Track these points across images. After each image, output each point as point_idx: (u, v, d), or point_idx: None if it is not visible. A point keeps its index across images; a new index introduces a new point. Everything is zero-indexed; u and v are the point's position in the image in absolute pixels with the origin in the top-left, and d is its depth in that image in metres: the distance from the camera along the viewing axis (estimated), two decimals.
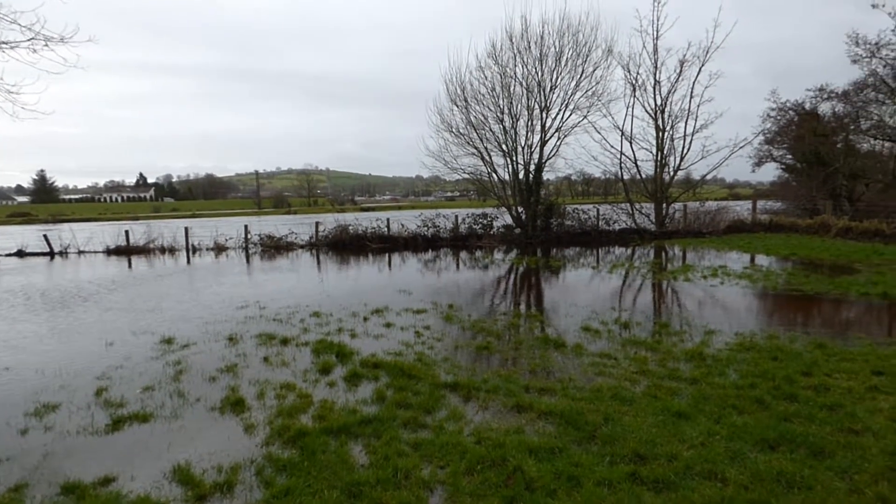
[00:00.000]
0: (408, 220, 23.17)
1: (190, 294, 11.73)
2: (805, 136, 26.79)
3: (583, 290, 11.40)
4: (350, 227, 22.03)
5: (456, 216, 23.00)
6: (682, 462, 3.78)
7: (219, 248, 21.83)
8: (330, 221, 23.24)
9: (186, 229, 22.65)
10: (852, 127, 26.70)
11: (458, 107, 22.36)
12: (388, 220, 22.76)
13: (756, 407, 4.72)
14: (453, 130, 22.56)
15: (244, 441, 4.42)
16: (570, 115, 21.68)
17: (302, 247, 21.85)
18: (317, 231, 22.30)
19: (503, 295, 11.62)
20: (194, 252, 21.38)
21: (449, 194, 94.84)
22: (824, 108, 27.31)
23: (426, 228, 22.36)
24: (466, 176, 23.75)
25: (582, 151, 23.81)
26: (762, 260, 15.24)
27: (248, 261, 18.45)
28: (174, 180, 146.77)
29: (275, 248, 21.70)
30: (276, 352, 6.95)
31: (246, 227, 22.69)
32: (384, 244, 21.37)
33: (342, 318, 8.85)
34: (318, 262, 17.64)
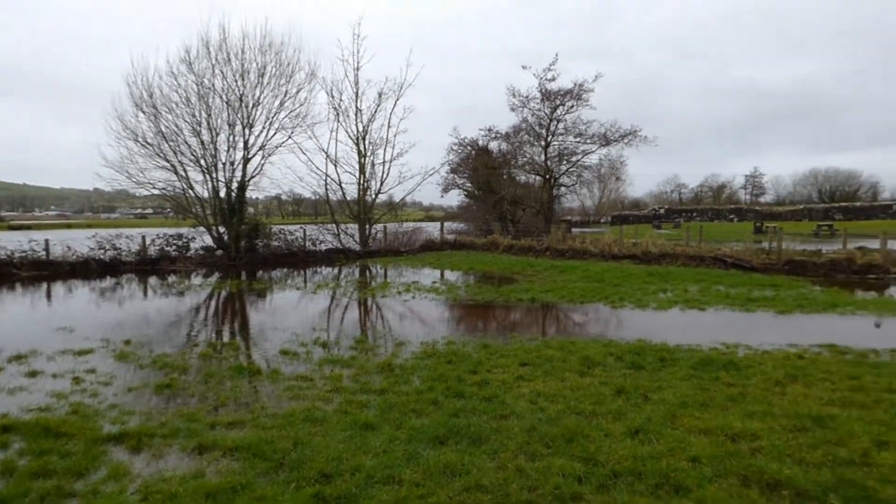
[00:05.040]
0: (79, 242, 19.36)
1: None
2: (479, 168, 31.75)
3: (288, 313, 11.17)
4: None
5: (143, 237, 20.22)
6: (364, 473, 3.90)
7: None
8: None
9: None
10: (513, 162, 32.82)
11: (145, 113, 19.93)
12: (46, 241, 18.61)
13: (432, 408, 5.22)
14: (139, 140, 19.96)
15: None
16: (275, 134, 21.44)
17: None
18: None
19: (200, 323, 10.58)
20: None
21: (139, 211, 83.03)
22: (493, 145, 32.90)
23: (103, 251, 19.04)
24: (157, 192, 21.21)
25: (288, 171, 23.70)
26: (449, 275, 17.36)
27: None
28: None
29: None
30: None
31: None
32: (41, 271, 17.37)
33: None
34: None
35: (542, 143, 29.87)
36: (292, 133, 21.87)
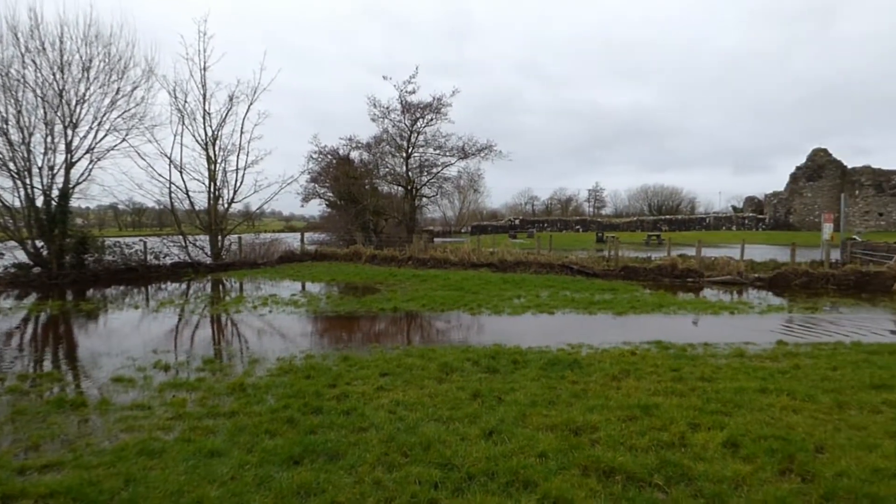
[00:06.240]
0: None
1: None
2: (341, 177, 31.32)
3: (125, 335, 10.04)
4: None
5: None
6: None
7: None
8: None
9: None
10: (375, 172, 32.82)
11: None
12: None
13: (287, 427, 4.97)
14: None
15: None
16: (106, 135, 19.22)
17: None
18: None
19: (10, 353, 9.04)
20: None
21: None
22: (355, 155, 32.66)
23: None
24: None
25: (125, 178, 21.05)
26: (310, 286, 16.81)
27: None
28: None
29: None
30: None
31: None
32: None
33: None
34: None
35: (404, 154, 30.30)
36: (127, 135, 19.80)
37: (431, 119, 29.32)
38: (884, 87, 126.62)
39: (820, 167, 46.37)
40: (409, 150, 30.03)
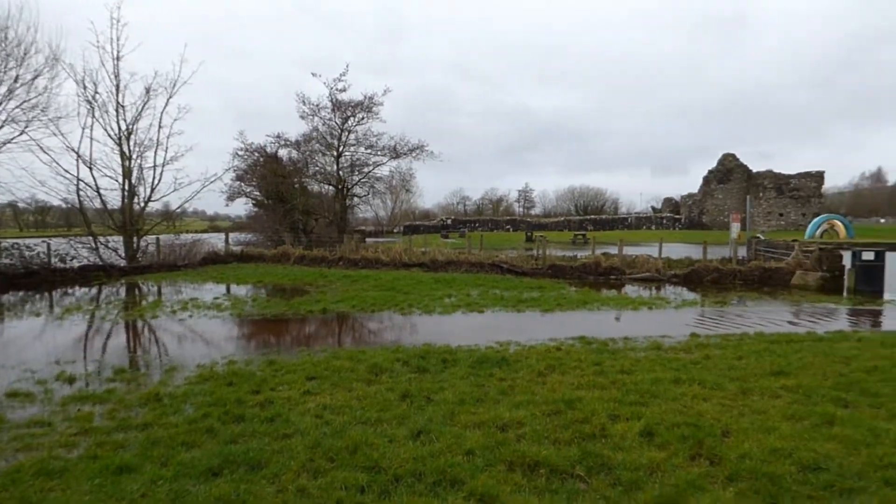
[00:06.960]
0: None
1: None
2: (268, 175, 30.31)
3: (24, 345, 9.24)
4: None
5: None
6: None
7: None
8: None
9: None
10: (304, 171, 32.01)
11: None
12: None
13: (206, 437, 4.74)
14: None
15: None
16: (2, 127, 17.66)
17: None
18: None
19: None
20: None
21: None
22: (283, 153, 31.71)
23: None
24: None
25: (24, 174, 19.06)
26: (235, 289, 16.15)
27: None
28: None
29: None
30: None
31: None
32: None
33: None
34: None
35: (334, 153, 29.78)
36: (27, 127, 18.31)
37: (363, 118, 29.03)
38: (784, 97, 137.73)
39: (729, 171, 49.74)
40: (340, 149, 29.57)
